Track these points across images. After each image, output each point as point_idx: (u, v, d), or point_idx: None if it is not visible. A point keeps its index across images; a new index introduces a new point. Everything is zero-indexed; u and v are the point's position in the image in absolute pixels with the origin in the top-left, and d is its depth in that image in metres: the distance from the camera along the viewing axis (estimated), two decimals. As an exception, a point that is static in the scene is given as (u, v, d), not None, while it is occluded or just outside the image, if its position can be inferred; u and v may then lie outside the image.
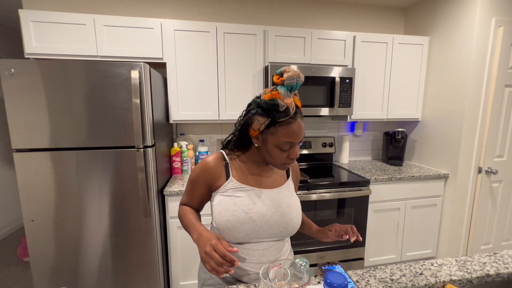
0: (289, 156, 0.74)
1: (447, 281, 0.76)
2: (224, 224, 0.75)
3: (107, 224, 1.51)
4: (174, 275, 1.77)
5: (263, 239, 0.79)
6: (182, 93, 1.86)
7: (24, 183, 1.41)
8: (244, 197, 0.77)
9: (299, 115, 0.72)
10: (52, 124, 1.39)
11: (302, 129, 0.72)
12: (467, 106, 1.92)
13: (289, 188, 0.85)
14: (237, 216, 0.75)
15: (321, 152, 2.36)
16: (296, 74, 0.67)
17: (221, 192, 0.79)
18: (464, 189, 2.02)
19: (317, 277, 0.79)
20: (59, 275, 1.51)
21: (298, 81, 0.67)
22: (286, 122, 0.69)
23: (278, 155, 0.73)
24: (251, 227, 0.76)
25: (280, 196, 0.81)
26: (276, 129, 0.70)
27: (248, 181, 0.81)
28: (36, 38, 1.64)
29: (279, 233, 0.80)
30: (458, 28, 1.95)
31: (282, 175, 0.88)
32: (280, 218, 0.78)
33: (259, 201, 0.78)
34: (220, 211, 0.76)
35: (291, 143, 0.72)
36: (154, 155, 1.54)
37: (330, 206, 1.88)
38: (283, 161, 0.75)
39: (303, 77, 0.69)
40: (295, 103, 0.71)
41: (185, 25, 1.79)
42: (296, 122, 0.70)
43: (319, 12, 2.31)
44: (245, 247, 0.79)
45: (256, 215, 0.76)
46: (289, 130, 0.70)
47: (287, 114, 0.68)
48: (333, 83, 1.98)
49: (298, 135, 0.71)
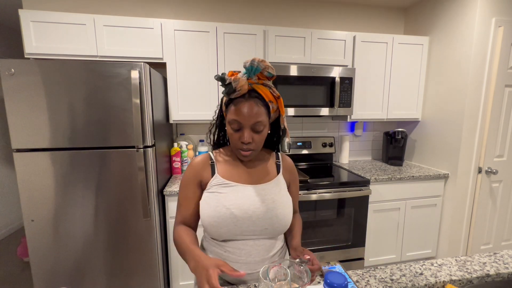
0: (240, 139, 0.76)
1: (447, 281, 0.76)
2: (207, 220, 0.76)
3: (107, 224, 1.51)
4: (174, 275, 1.77)
5: (248, 237, 0.78)
6: (182, 93, 1.86)
7: (24, 183, 1.41)
8: (228, 193, 0.78)
9: (253, 99, 0.74)
10: (52, 124, 1.39)
11: (251, 111, 0.73)
12: (467, 106, 1.92)
13: (278, 184, 0.84)
14: (218, 211, 0.75)
15: (321, 152, 2.36)
16: (251, 59, 0.73)
17: (207, 189, 0.80)
18: (464, 189, 2.02)
19: (317, 277, 0.79)
20: (59, 275, 1.51)
21: (252, 65, 0.72)
22: (237, 101, 0.74)
23: (230, 135, 0.78)
24: (233, 223, 0.75)
25: (265, 191, 0.80)
26: (230, 107, 0.76)
27: (233, 177, 0.82)
28: (36, 38, 1.64)
29: (264, 230, 0.78)
30: (458, 28, 1.95)
31: (272, 170, 0.87)
32: (263, 214, 0.77)
33: (242, 196, 0.78)
34: (204, 208, 0.77)
35: (239, 123, 0.74)
36: (154, 155, 1.54)
37: (330, 206, 1.88)
38: (236, 145, 0.78)
39: (264, 63, 0.73)
40: (260, 91, 0.75)
41: (185, 25, 1.79)
42: (245, 102, 0.73)
43: (319, 12, 2.31)
44: (231, 246, 0.78)
45: (238, 210, 0.76)
46: (237, 108, 0.74)
47: (232, 88, 0.72)
48: (333, 83, 1.98)
49: (244, 115, 0.73)
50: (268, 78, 0.77)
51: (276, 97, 0.79)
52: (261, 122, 0.75)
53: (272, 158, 0.90)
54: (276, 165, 0.89)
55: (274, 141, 0.90)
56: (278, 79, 1.88)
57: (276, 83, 1.88)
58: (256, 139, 0.76)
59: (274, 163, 0.89)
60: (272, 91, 0.78)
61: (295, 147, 2.30)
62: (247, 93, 0.74)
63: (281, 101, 0.80)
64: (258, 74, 0.75)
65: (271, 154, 0.91)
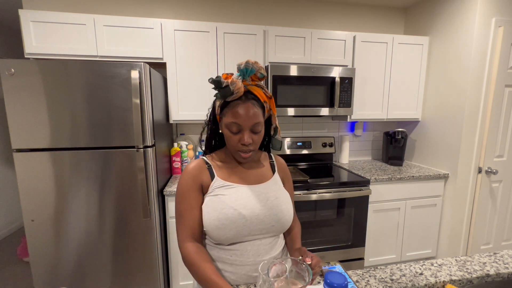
0: (240, 141, 0.76)
1: (447, 281, 0.76)
2: (213, 223, 0.74)
3: (107, 224, 1.51)
4: (174, 275, 1.77)
5: (256, 236, 0.78)
6: (182, 93, 1.86)
7: (24, 183, 1.41)
8: (231, 194, 0.77)
9: (250, 100, 0.74)
10: (52, 124, 1.39)
11: (249, 113, 0.73)
12: (467, 106, 1.91)
13: (276, 182, 0.86)
14: (225, 213, 0.74)
15: (321, 152, 2.36)
16: (246, 62, 0.73)
17: (208, 193, 0.79)
18: (464, 189, 2.02)
19: (317, 277, 0.79)
20: (59, 275, 1.51)
21: (247, 67, 0.72)
22: (234, 103, 0.74)
23: (229, 138, 0.77)
24: (242, 223, 0.75)
25: (266, 190, 0.81)
26: (227, 110, 0.75)
27: (232, 179, 0.81)
28: (36, 38, 1.64)
29: (271, 228, 0.79)
30: (458, 28, 1.95)
31: (268, 170, 0.88)
32: (270, 211, 0.78)
33: (246, 196, 0.78)
34: (209, 212, 0.76)
35: (238, 125, 0.74)
36: (154, 155, 1.54)
37: (330, 206, 1.88)
38: (236, 147, 0.77)
39: (257, 65, 0.74)
40: (255, 92, 0.76)
41: (185, 25, 1.79)
42: (243, 104, 0.73)
43: (319, 12, 2.31)
44: (237, 248, 0.77)
45: (246, 210, 0.75)
46: (235, 110, 0.73)
47: (229, 91, 0.71)
48: (333, 83, 1.98)
49: (243, 117, 0.73)
50: (260, 79, 0.78)
51: (269, 97, 0.80)
52: (259, 123, 0.76)
53: (266, 159, 0.92)
54: (270, 165, 0.91)
55: (265, 140, 0.91)
56: (278, 79, 1.88)
57: (276, 83, 1.88)
58: (255, 139, 0.77)
59: (268, 163, 0.91)
60: (264, 91, 0.79)
61: (295, 147, 2.30)
62: (243, 95, 0.74)
63: (273, 101, 0.82)
64: (252, 75, 0.75)
65: (264, 155, 0.93)
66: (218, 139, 0.89)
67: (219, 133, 0.84)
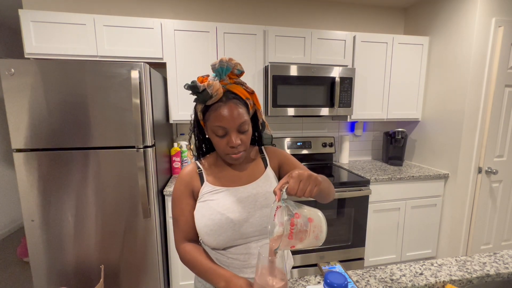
0: (229, 144, 0.72)
1: (447, 281, 0.76)
2: (203, 230, 0.74)
3: (107, 224, 1.51)
4: (174, 275, 1.77)
5: (249, 239, 0.76)
6: (182, 93, 1.86)
7: (24, 183, 1.41)
8: (219, 199, 0.76)
9: (232, 100, 0.71)
10: (52, 124, 1.39)
11: (233, 113, 0.70)
12: (467, 106, 1.91)
13: (267, 178, 0.83)
14: (213, 219, 0.73)
15: (321, 152, 2.36)
16: (219, 60, 0.69)
17: (199, 199, 0.78)
18: (464, 189, 2.02)
19: (317, 277, 0.79)
20: (59, 275, 1.51)
21: (221, 66, 0.69)
22: (216, 106, 0.70)
23: (217, 142, 0.74)
24: (231, 228, 0.73)
25: (256, 190, 0.79)
26: (209, 114, 0.72)
27: (222, 182, 0.80)
28: (36, 38, 1.64)
29: (264, 229, 0.76)
30: (458, 28, 1.95)
31: (259, 166, 0.85)
32: (260, 212, 0.76)
33: (235, 200, 0.76)
34: (198, 218, 0.75)
35: (223, 128, 0.71)
36: (154, 155, 1.54)
37: (330, 206, 1.88)
38: (225, 150, 0.74)
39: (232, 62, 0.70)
40: (236, 90, 0.72)
41: (185, 25, 1.79)
42: (225, 106, 0.70)
43: (319, 12, 2.31)
44: (233, 252, 0.76)
45: (233, 214, 0.74)
46: (218, 113, 0.70)
47: (208, 95, 0.68)
48: (333, 83, 1.98)
49: (228, 119, 0.70)
50: (237, 76, 0.75)
51: (251, 92, 0.77)
52: (245, 121, 0.73)
53: (257, 154, 0.88)
54: (262, 159, 0.87)
55: (255, 136, 0.88)
56: (278, 79, 1.88)
57: (276, 83, 1.88)
58: (244, 139, 0.74)
59: (259, 159, 0.87)
60: (245, 87, 0.76)
61: (295, 147, 2.30)
62: (224, 95, 0.71)
63: (255, 96, 0.79)
64: (229, 73, 0.72)
65: (255, 150, 0.89)
66: (208, 143, 0.86)
67: (206, 138, 0.82)
